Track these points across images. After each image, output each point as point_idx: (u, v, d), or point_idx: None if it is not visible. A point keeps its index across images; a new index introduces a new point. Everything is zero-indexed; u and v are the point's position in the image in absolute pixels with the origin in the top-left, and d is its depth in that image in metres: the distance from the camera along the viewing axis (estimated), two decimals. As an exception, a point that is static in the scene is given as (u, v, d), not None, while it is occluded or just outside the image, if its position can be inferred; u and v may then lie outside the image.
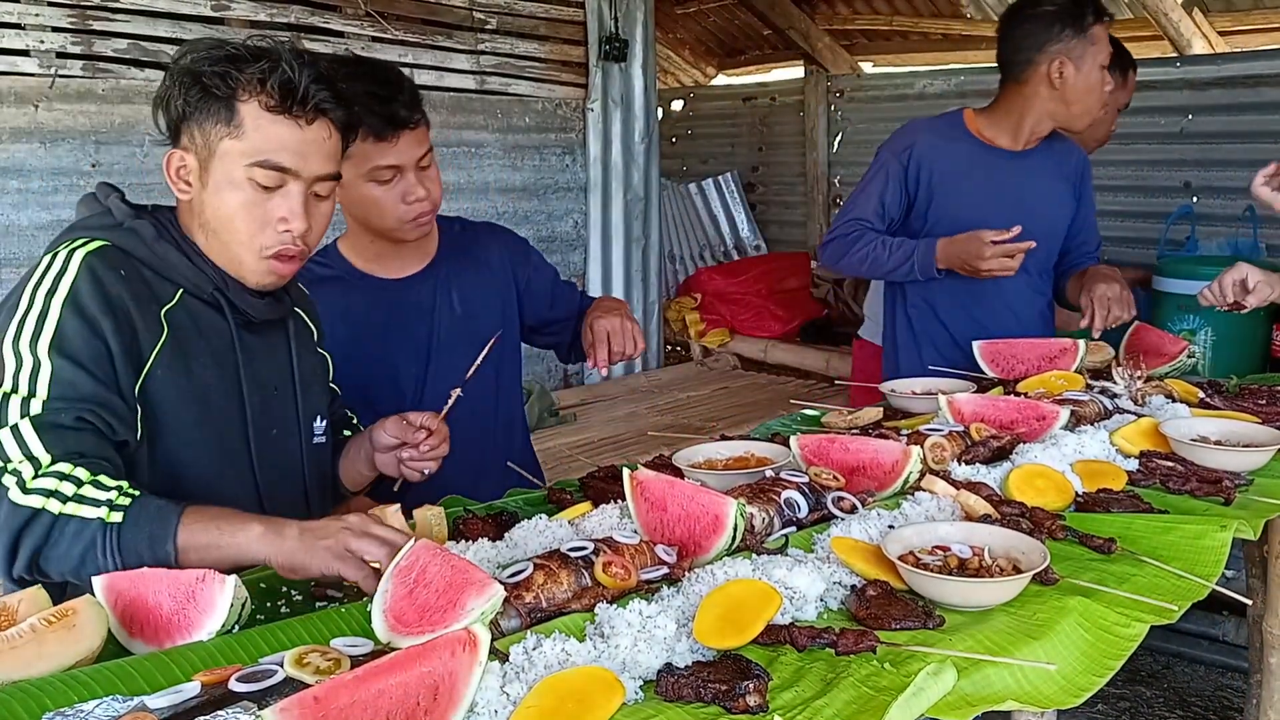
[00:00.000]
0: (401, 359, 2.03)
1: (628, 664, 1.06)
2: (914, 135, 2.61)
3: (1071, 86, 2.44)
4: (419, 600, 1.10)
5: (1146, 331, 2.48)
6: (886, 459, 1.63)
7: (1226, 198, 5.19)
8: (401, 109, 1.80)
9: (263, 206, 1.45)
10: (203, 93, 1.42)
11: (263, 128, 1.42)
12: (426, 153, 1.88)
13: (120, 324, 1.39)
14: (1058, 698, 1.12)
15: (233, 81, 1.41)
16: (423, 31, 5.14)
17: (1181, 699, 3.20)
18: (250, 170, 1.42)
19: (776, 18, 7.25)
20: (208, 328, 1.50)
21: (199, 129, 1.44)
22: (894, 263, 2.50)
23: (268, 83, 1.41)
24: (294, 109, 1.42)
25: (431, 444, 1.61)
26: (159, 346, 1.43)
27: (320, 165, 1.47)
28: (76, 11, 4.13)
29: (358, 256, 2.03)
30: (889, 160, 2.59)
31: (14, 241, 4.07)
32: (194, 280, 1.48)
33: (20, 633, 1.09)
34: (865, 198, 2.59)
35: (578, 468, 3.92)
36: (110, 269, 1.41)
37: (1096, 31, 2.42)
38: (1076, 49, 2.41)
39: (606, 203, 5.93)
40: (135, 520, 1.28)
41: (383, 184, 1.85)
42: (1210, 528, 1.45)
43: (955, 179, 2.55)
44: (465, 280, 2.08)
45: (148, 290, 1.45)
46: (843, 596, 1.26)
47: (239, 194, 1.44)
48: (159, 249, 1.47)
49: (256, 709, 0.93)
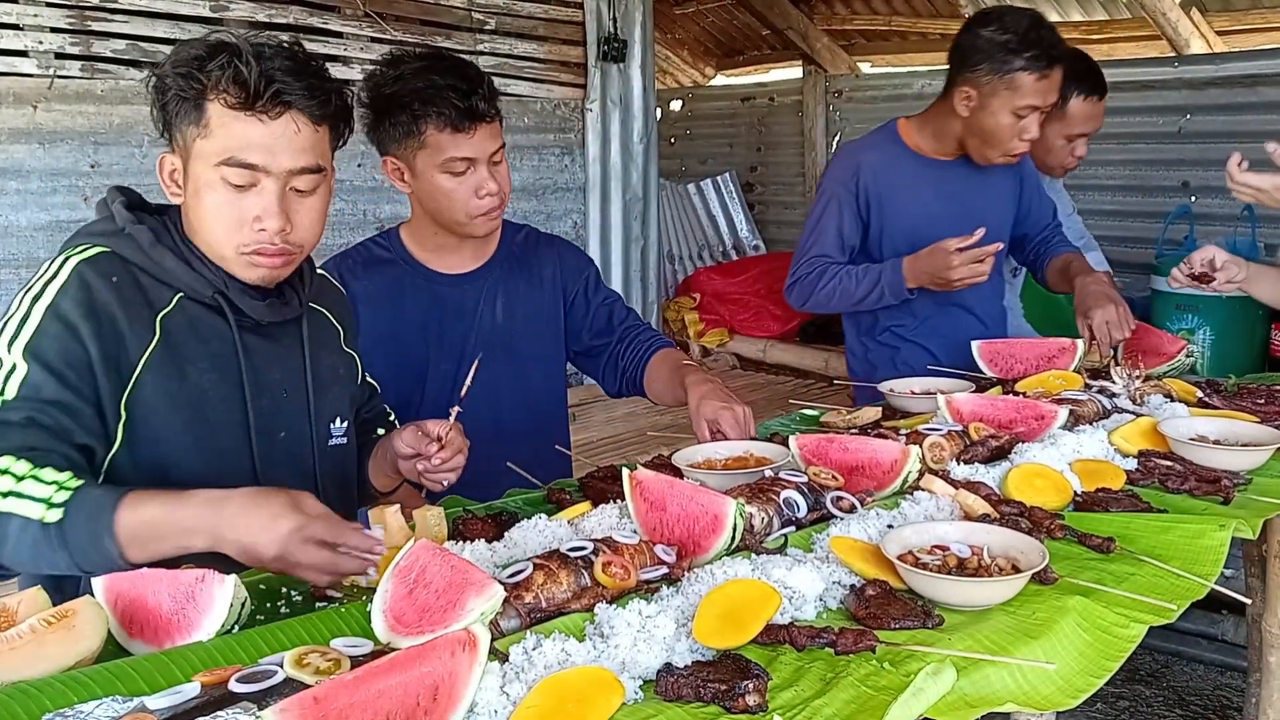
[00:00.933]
0: (435, 356, 2.04)
1: (627, 664, 1.06)
2: (856, 158, 2.55)
3: (976, 120, 2.36)
4: (419, 600, 1.10)
5: (1145, 331, 2.48)
6: (885, 459, 1.63)
7: (1225, 197, 5.16)
8: (480, 102, 1.84)
9: (237, 206, 1.43)
10: (175, 96, 1.42)
11: (227, 125, 1.40)
12: (499, 148, 1.91)
13: (104, 331, 1.39)
14: (1056, 698, 1.12)
15: (196, 82, 1.40)
16: (421, 32, 5.14)
17: (1180, 698, 3.21)
18: (220, 170, 1.41)
19: (775, 18, 7.25)
20: (208, 331, 1.49)
21: (179, 132, 1.44)
22: (863, 290, 2.44)
23: (223, 80, 1.39)
24: (255, 104, 1.40)
25: (444, 456, 1.59)
26: (149, 352, 1.43)
27: (292, 160, 1.43)
28: (75, 12, 4.12)
29: (417, 245, 2.05)
30: (837, 190, 2.53)
31: (13, 242, 4.07)
32: (192, 284, 1.48)
33: (20, 633, 1.09)
34: (821, 233, 2.52)
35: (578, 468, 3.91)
36: (101, 276, 1.41)
37: (1021, 79, 2.28)
38: (989, 87, 2.31)
39: (605, 203, 5.93)
40: (74, 518, 1.26)
41: (456, 175, 1.88)
42: (1209, 527, 1.45)
43: (902, 194, 2.50)
44: (513, 289, 2.08)
45: (142, 296, 1.45)
46: (842, 596, 1.26)
47: (213, 194, 1.43)
48: (155, 254, 1.46)
49: (256, 709, 0.93)
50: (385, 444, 1.74)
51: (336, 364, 1.70)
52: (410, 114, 1.83)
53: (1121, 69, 5.65)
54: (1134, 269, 5.08)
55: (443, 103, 1.80)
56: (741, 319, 6.86)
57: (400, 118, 1.85)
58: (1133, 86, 5.44)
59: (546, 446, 2.11)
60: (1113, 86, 2.84)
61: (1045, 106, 2.33)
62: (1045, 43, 2.28)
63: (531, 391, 2.11)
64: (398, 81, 1.85)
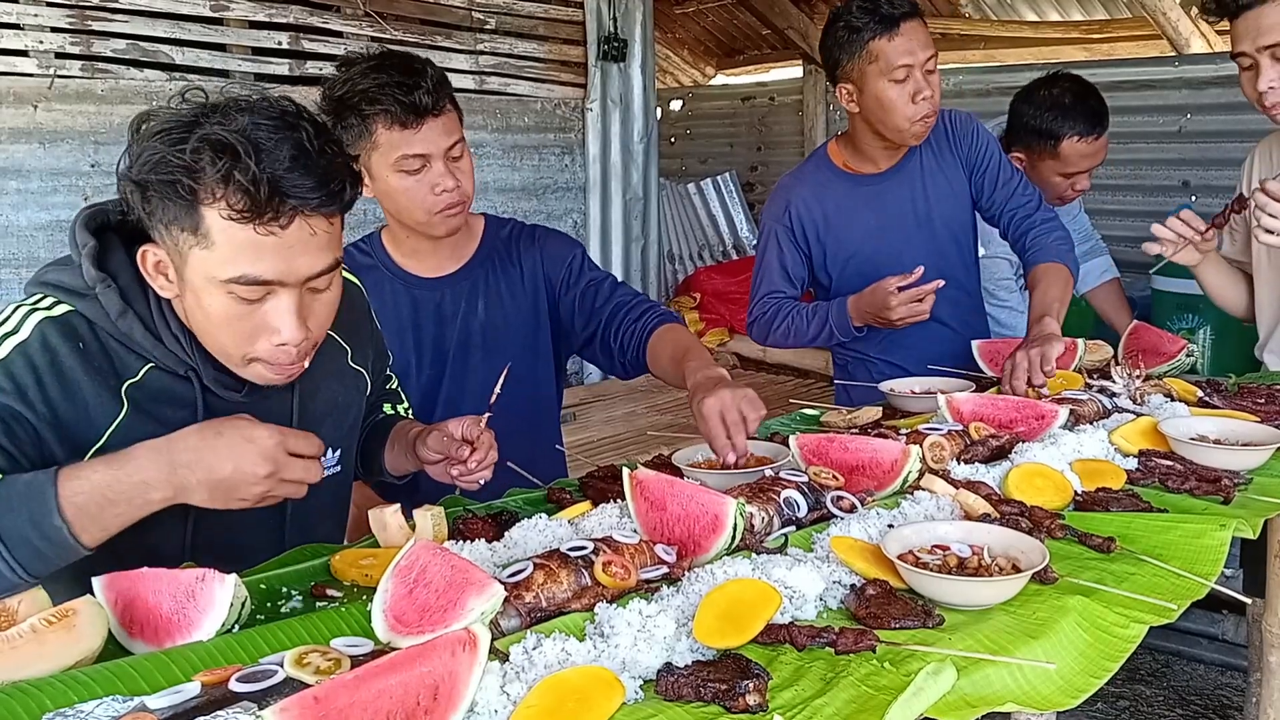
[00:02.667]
0: (418, 360, 2.03)
1: (628, 663, 1.06)
2: (787, 194, 2.53)
3: (867, 107, 2.35)
4: (419, 600, 1.10)
5: (1145, 330, 2.48)
6: (885, 458, 1.63)
7: (1225, 197, 5.15)
8: (424, 95, 1.80)
9: (250, 319, 1.28)
10: (159, 197, 1.24)
11: (233, 238, 1.22)
12: (456, 143, 1.87)
13: (66, 395, 1.28)
14: (1056, 698, 1.12)
15: (185, 189, 1.21)
16: (422, 31, 5.15)
17: (1181, 697, 3.21)
18: (229, 286, 1.25)
19: (775, 17, 7.25)
20: (178, 399, 1.37)
21: (165, 231, 1.26)
22: (814, 331, 2.44)
23: (230, 187, 1.20)
24: (265, 216, 1.21)
25: (478, 458, 1.58)
26: (115, 425, 1.32)
27: (309, 265, 1.27)
28: (75, 12, 4.13)
29: (395, 249, 2.04)
30: (774, 226, 2.53)
31: (13, 242, 4.07)
32: (163, 359, 1.35)
33: (21, 633, 1.09)
34: (767, 270, 2.53)
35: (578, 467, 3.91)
36: (68, 339, 1.30)
37: (876, 47, 2.27)
38: (856, 72, 2.32)
39: (606, 203, 5.93)
40: (7, 506, 1.15)
41: (411, 174, 1.84)
42: (1209, 526, 1.45)
43: (839, 220, 2.48)
44: (494, 289, 2.05)
45: (109, 364, 1.33)
46: (842, 595, 1.26)
47: (220, 306, 1.27)
48: (124, 325, 1.32)
49: (257, 709, 0.93)
50: (402, 436, 1.70)
51: (336, 393, 1.59)
52: (359, 115, 1.80)
53: (1122, 68, 5.65)
54: (1134, 268, 5.08)
55: (387, 100, 1.77)
56: (742, 318, 6.84)
57: (351, 120, 1.81)
58: (1133, 86, 5.44)
59: (537, 445, 2.11)
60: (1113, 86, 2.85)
61: (919, 62, 2.28)
62: (882, 6, 2.27)
63: (519, 392, 2.10)
64: (346, 84, 1.81)
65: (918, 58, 2.28)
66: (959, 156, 2.51)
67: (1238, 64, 2.20)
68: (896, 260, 2.40)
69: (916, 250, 2.45)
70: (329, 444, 1.52)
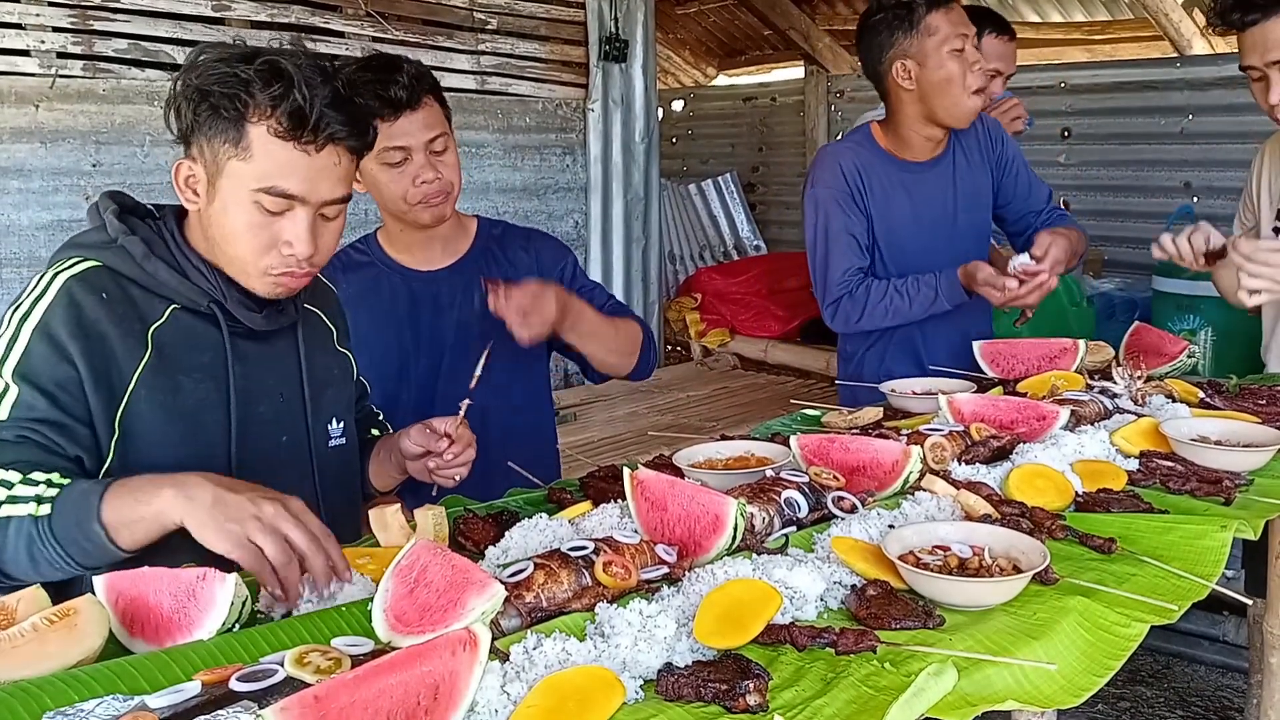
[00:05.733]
0: (416, 352, 2.06)
1: (628, 663, 1.06)
2: (836, 158, 2.51)
3: (924, 84, 2.37)
4: (419, 600, 1.10)
5: (1146, 331, 2.48)
6: (886, 459, 1.63)
7: (1227, 198, 5.18)
8: (399, 90, 1.87)
9: (268, 230, 1.43)
10: (211, 111, 1.39)
11: (272, 153, 1.39)
12: (438, 136, 1.92)
13: (94, 349, 1.38)
14: (1058, 697, 1.12)
15: (242, 105, 1.38)
16: (423, 32, 5.15)
17: (1182, 699, 3.21)
18: (257, 195, 1.40)
19: (777, 18, 7.26)
20: (202, 341, 1.49)
21: (207, 144, 1.42)
22: (920, 305, 2.40)
23: (279, 109, 1.38)
24: (304, 137, 1.39)
25: (455, 451, 1.62)
26: (141, 368, 1.42)
27: (330, 190, 1.45)
28: (77, 11, 4.13)
29: (391, 246, 2.09)
30: (828, 194, 2.47)
31: (14, 241, 4.07)
32: (188, 295, 1.47)
33: (22, 632, 1.09)
34: (836, 245, 2.46)
35: (578, 467, 3.92)
36: (91, 293, 1.41)
37: (931, 20, 2.33)
38: (914, 46, 2.35)
39: (607, 203, 5.93)
40: (62, 509, 1.27)
41: (393, 166, 1.91)
42: (1210, 528, 1.45)
43: (880, 198, 2.49)
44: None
45: (134, 310, 1.44)
46: (843, 596, 1.26)
47: (245, 215, 1.42)
48: (149, 266, 1.45)
49: (257, 708, 0.93)
50: (386, 444, 1.75)
51: (331, 364, 1.70)
52: None
53: (1123, 69, 5.65)
54: (1136, 270, 5.08)
55: (367, 94, 1.84)
56: (743, 319, 6.86)
57: None
58: (1135, 87, 5.44)
59: (532, 442, 2.14)
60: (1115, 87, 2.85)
61: (970, 33, 2.36)
62: None
63: (514, 387, 2.11)
64: None
65: (968, 28, 2.37)
66: (989, 160, 2.56)
67: (1248, 75, 2.20)
68: (923, 252, 2.45)
69: (941, 245, 2.48)
70: (333, 414, 1.66)
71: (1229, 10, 2.13)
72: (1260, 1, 2.08)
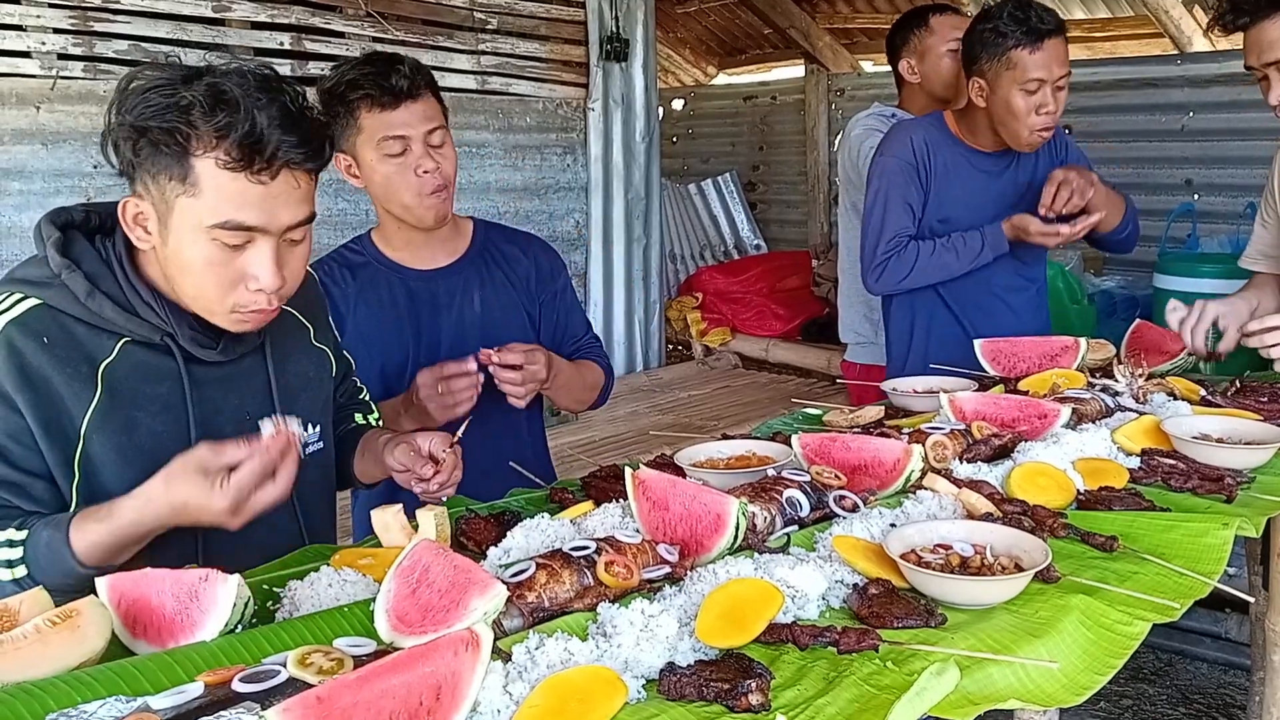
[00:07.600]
0: (415, 350, 2.06)
1: (630, 663, 1.06)
2: (908, 133, 2.60)
3: (993, 107, 2.43)
4: (422, 600, 1.10)
5: (1148, 329, 2.48)
6: (888, 458, 1.63)
7: (1228, 195, 5.18)
8: (400, 80, 1.89)
9: (230, 265, 1.33)
10: (151, 147, 1.29)
11: (222, 187, 1.28)
12: (436, 129, 1.94)
13: (39, 399, 1.33)
14: (1060, 696, 1.12)
15: (183, 138, 1.27)
16: (423, 32, 5.15)
17: (1184, 696, 3.20)
18: (213, 231, 1.30)
19: (777, 17, 7.26)
20: (156, 373, 1.41)
21: (152, 181, 1.31)
22: (966, 260, 2.49)
23: (226, 139, 1.27)
24: (255, 165, 1.28)
25: (440, 480, 1.59)
26: (90, 411, 1.36)
27: (291, 215, 1.34)
28: (77, 13, 4.13)
29: (387, 246, 2.09)
30: (894, 164, 2.56)
31: (15, 243, 4.08)
32: (136, 331, 1.39)
33: (25, 634, 1.09)
34: (890, 210, 2.53)
35: (579, 467, 3.92)
36: (32, 338, 1.33)
37: (1016, 56, 2.34)
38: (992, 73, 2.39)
39: (607, 202, 5.93)
40: (37, 567, 1.29)
41: (393, 157, 1.92)
42: (1212, 525, 1.44)
43: (944, 177, 2.55)
44: (489, 283, 2.11)
45: (79, 351, 1.36)
46: (845, 595, 1.26)
47: (202, 252, 1.32)
48: (94, 304, 1.36)
49: (260, 709, 0.94)
50: (372, 443, 1.71)
51: (306, 367, 1.63)
52: (345, 104, 1.91)
53: (1124, 66, 5.65)
54: (1137, 267, 5.07)
55: (368, 84, 1.89)
56: (744, 318, 6.87)
57: (338, 109, 1.92)
58: (1135, 84, 5.44)
59: (526, 440, 2.16)
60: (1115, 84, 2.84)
61: (1052, 78, 2.37)
62: (1032, 19, 2.35)
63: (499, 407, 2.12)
64: (334, 79, 1.94)
65: (1052, 73, 2.36)
66: (1055, 162, 2.60)
67: (1252, 75, 2.22)
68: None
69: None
70: (308, 419, 1.57)
71: (1223, 13, 2.16)
72: (1247, 6, 2.10)
